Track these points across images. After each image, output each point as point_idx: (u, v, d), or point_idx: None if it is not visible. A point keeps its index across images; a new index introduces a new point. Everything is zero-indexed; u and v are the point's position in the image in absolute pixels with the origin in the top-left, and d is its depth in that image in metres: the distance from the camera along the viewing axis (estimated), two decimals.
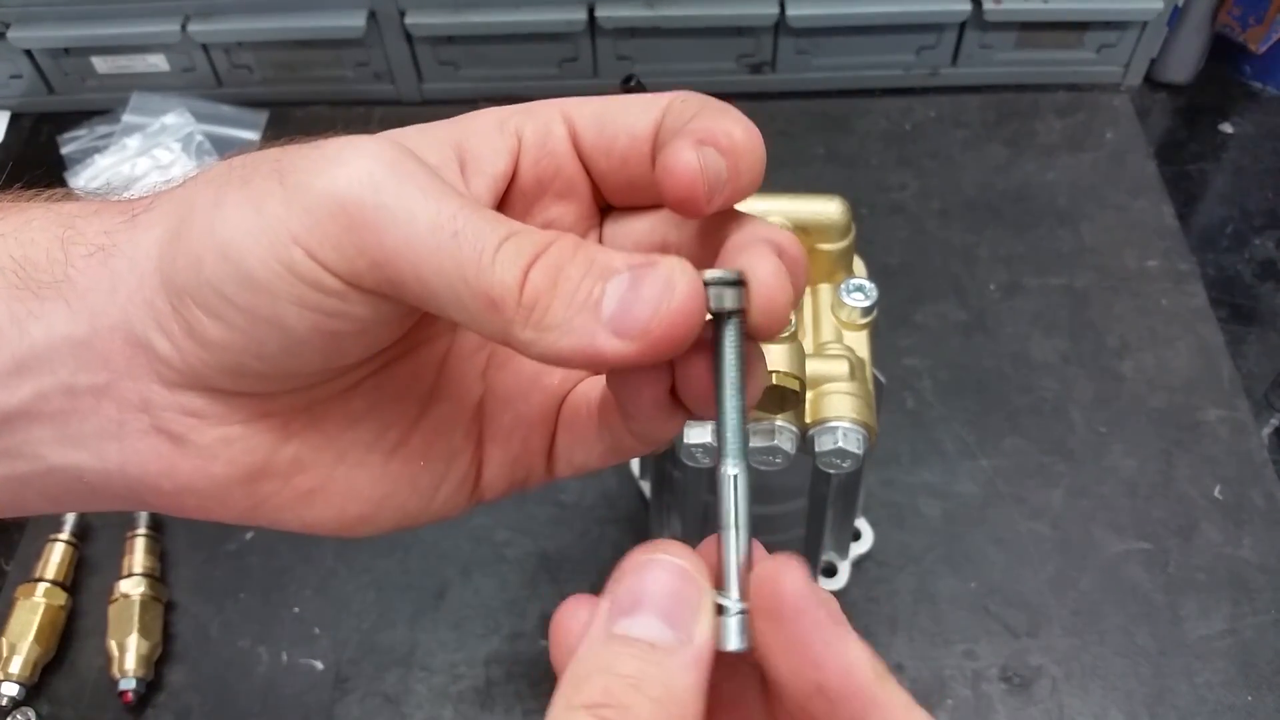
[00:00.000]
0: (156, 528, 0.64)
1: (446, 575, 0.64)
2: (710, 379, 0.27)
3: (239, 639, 0.62)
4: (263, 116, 0.87)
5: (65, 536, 0.63)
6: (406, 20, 0.84)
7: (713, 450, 0.46)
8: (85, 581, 0.63)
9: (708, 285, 0.25)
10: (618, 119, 0.29)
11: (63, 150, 0.85)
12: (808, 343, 0.50)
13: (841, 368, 0.47)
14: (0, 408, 0.28)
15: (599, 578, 0.26)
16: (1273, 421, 0.69)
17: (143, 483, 0.29)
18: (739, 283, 0.25)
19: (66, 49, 0.86)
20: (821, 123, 0.87)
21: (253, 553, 0.65)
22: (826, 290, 0.51)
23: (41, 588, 0.61)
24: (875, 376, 0.51)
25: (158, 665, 0.60)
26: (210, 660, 0.61)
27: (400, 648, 0.61)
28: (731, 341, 0.26)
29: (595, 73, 0.88)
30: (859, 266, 0.53)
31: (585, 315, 0.24)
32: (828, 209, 0.49)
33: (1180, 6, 0.84)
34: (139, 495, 0.29)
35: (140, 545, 0.63)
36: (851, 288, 0.50)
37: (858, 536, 0.63)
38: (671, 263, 0.24)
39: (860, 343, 0.50)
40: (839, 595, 0.62)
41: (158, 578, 0.62)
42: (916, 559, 0.63)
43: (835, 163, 0.84)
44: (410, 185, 0.25)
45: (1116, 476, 0.66)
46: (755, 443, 0.45)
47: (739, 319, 0.26)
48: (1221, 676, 0.58)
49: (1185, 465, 0.66)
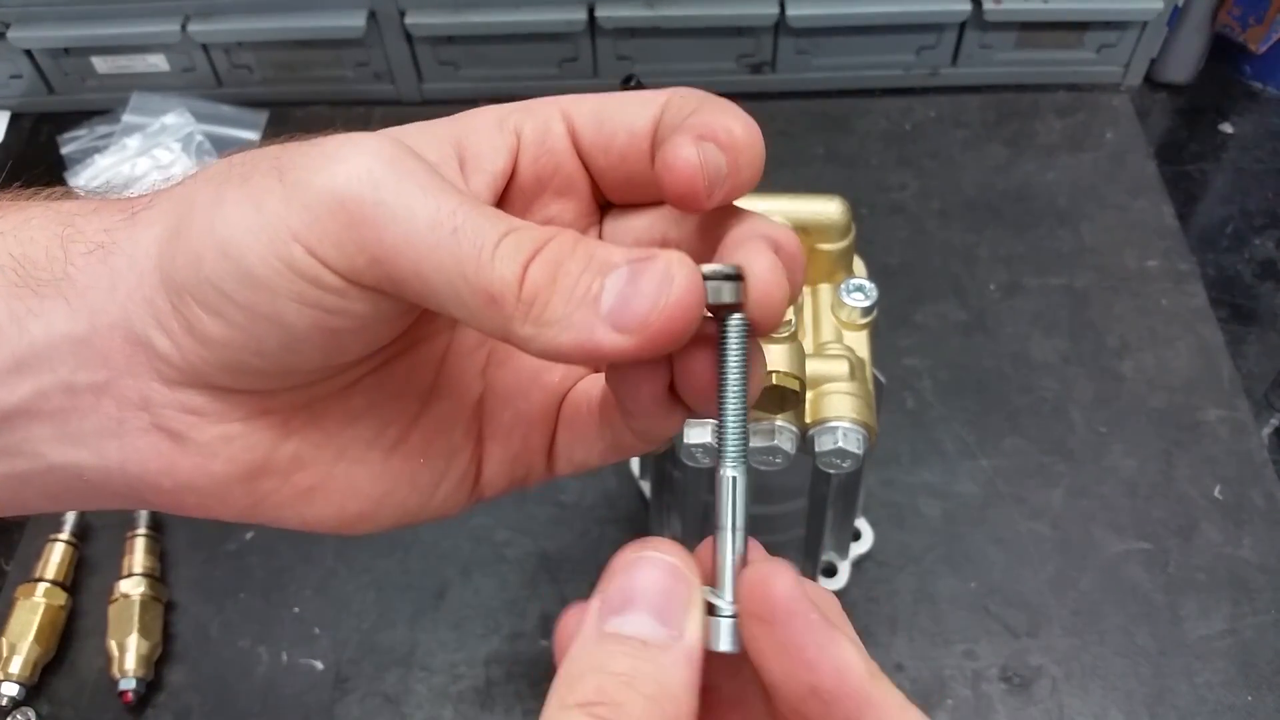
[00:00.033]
0: (156, 528, 0.64)
1: (446, 575, 0.64)
2: (709, 375, 0.27)
3: (239, 639, 0.62)
4: (263, 116, 0.87)
5: (65, 536, 0.63)
6: (406, 20, 0.84)
7: (713, 450, 0.46)
8: (85, 581, 0.63)
9: (706, 279, 0.25)
10: (616, 116, 0.29)
11: (63, 150, 0.85)
12: (808, 343, 0.50)
13: (841, 368, 0.47)
14: (0, 406, 0.28)
15: (599, 578, 0.26)
16: (1273, 421, 0.69)
17: (142, 480, 0.29)
18: (737, 277, 0.25)
19: (66, 49, 0.86)
20: (821, 123, 0.87)
21: (253, 553, 0.65)
22: (826, 290, 0.51)
23: (41, 588, 0.61)
24: (875, 376, 0.51)
25: (158, 665, 0.60)
26: (210, 660, 0.61)
27: (400, 648, 0.61)
28: (733, 344, 0.26)
29: (595, 73, 0.88)
30: (859, 266, 0.53)
31: (584, 310, 0.24)
32: (828, 209, 0.49)
33: (1180, 6, 0.84)
34: (139, 493, 0.29)
35: (140, 545, 0.63)
36: (851, 288, 0.50)
37: (858, 536, 0.63)
38: (670, 256, 0.24)
39: (860, 343, 0.50)
40: (839, 595, 0.61)
41: (158, 578, 0.62)
42: (916, 559, 0.63)
43: (835, 163, 0.84)
44: (409, 182, 0.25)
45: (1116, 476, 0.66)
46: (755, 443, 0.45)
47: (741, 322, 0.26)
48: (1221, 676, 0.58)
49: (1185, 465, 0.66)
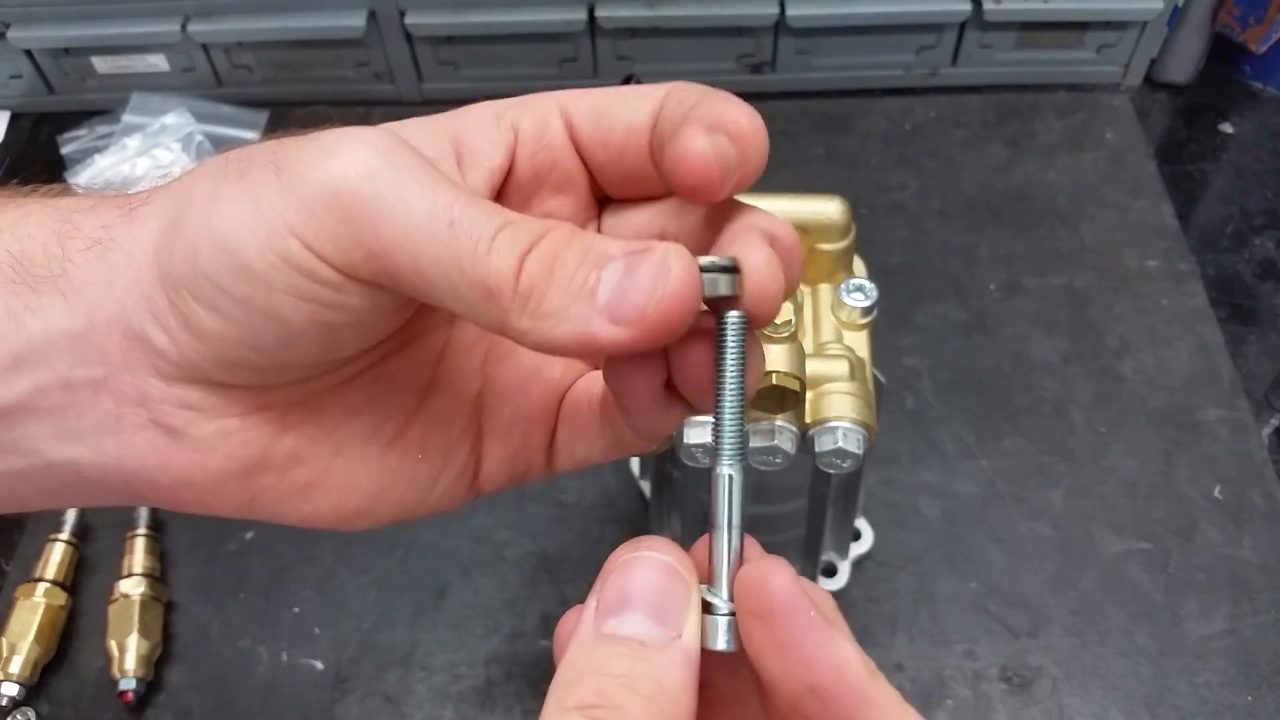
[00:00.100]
0: (156, 528, 0.64)
1: (446, 575, 0.64)
2: (706, 369, 0.27)
3: (239, 639, 0.62)
4: (263, 116, 0.87)
5: (65, 536, 0.63)
6: (406, 20, 0.84)
7: (712, 450, 0.46)
8: (85, 581, 0.63)
9: (702, 271, 0.25)
10: (614, 111, 0.29)
11: (63, 150, 0.85)
12: (808, 343, 0.50)
13: (841, 368, 0.47)
14: None
15: (597, 578, 0.26)
16: (1273, 421, 0.69)
17: (140, 477, 0.29)
18: (733, 269, 0.25)
19: (66, 49, 0.86)
20: (821, 123, 0.87)
21: (253, 553, 0.65)
22: (826, 290, 0.51)
23: (41, 588, 0.61)
24: (875, 376, 0.51)
25: (158, 665, 0.60)
26: (210, 660, 0.61)
27: (400, 648, 0.61)
28: (731, 341, 0.26)
29: (595, 73, 0.88)
30: (859, 266, 0.53)
31: (581, 302, 0.24)
32: (828, 209, 0.49)
33: (1180, 6, 0.84)
34: (136, 489, 0.29)
35: (140, 545, 0.63)
36: (851, 288, 0.50)
37: (858, 536, 0.63)
38: (667, 248, 0.24)
39: (860, 343, 0.50)
40: (839, 595, 0.62)
41: (158, 578, 0.62)
42: (916, 559, 0.63)
43: (835, 163, 0.84)
44: (406, 175, 0.25)
45: (1116, 476, 0.66)
46: (755, 443, 0.45)
47: (739, 319, 0.26)
48: (1221, 676, 0.58)
49: (1185, 465, 0.66)
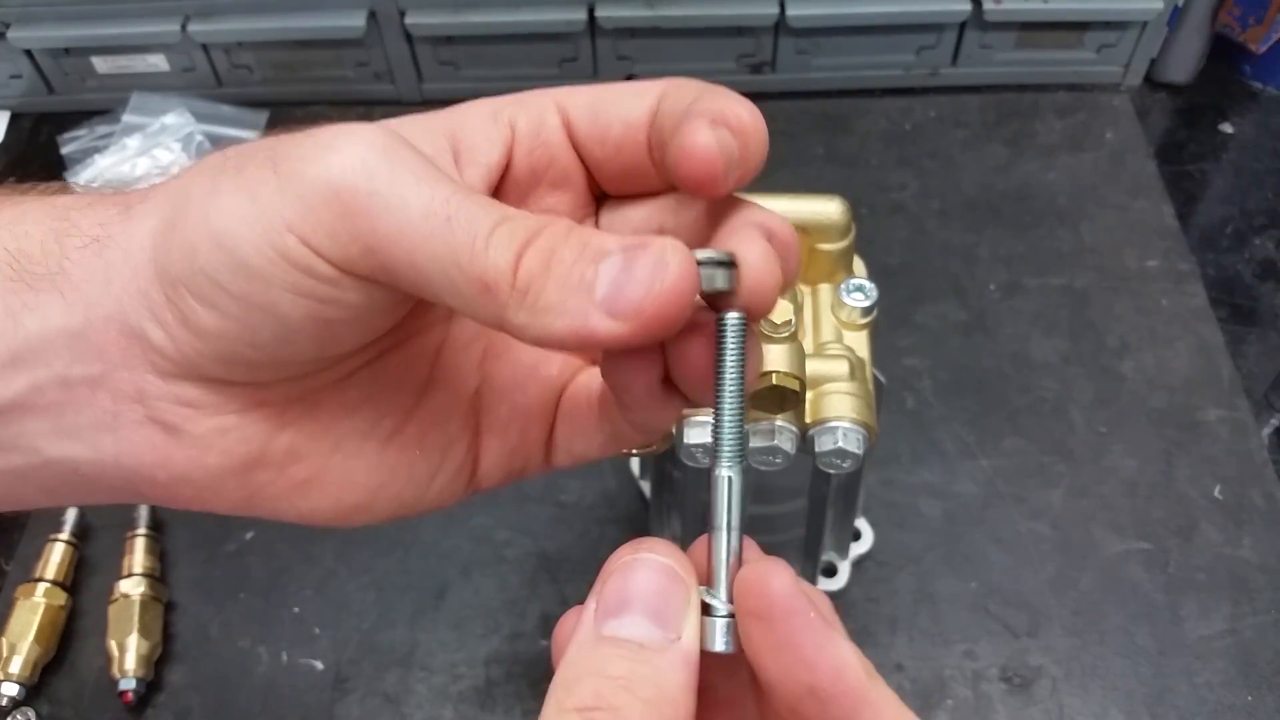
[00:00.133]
0: (156, 528, 0.64)
1: (446, 575, 0.64)
2: (704, 362, 0.27)
3: (239, 639, 0.62)
4: (263, 116, 0.87)
5: (65, 536, 0.63)
6: (406, 20, 0.84)
7: (712, 451, 0.46)
8: (85, 581, 0.63)
9: (699, 265, 0.25)
10: (611, 107, 0.29)
11: (63, 150, 0.85)
12: (808, 343, 0.50)
13: (841, 368, 0.47)
14: None
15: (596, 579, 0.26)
16: (1273, 421, 0.69)
17: (138, 474, 0.29)
18: (730, 263, 0.25)
19: (66, 49, 0.86)
20: (821, 123, 0.87)
21: (253, 553, 0.65)
22: (826, 290, 0.51)
23: (41, 588, 0.61)
24: (875, 376, 0.51)
25: (158, 665, 0.60)
26: (210, 660, 0.61)
27: (400, 648, 0.61)
28: (730, 343, 0.26)
29: (595, 73, 0.88)
30: (859, 266, 0.53)
31: (579, 296, 0.24)
32: (828, 209, 0.49)
33: (1180, 6, 0.84)
34: (134, 486, 0.29)
35: (140, 545, 0.63)
36: (851, 288, 0.50)
37: (858, 536, 0.63)
38: (664, 243, 0.24)
39: (860, 343, 0.50)
40: (839, 595, 0.62)
41: (158, 578, 0.62)
42: (916, 559, 0.63)
43: (835, 163, 0.84)
44: (403, 171, 0.25)
45: (1116, 476, 0.66)
46: (755, 443, 0.45)
47: (738, 320, 0.26)
48: (1221, 676, 0.58)
49: (1185, 465, 0.66)
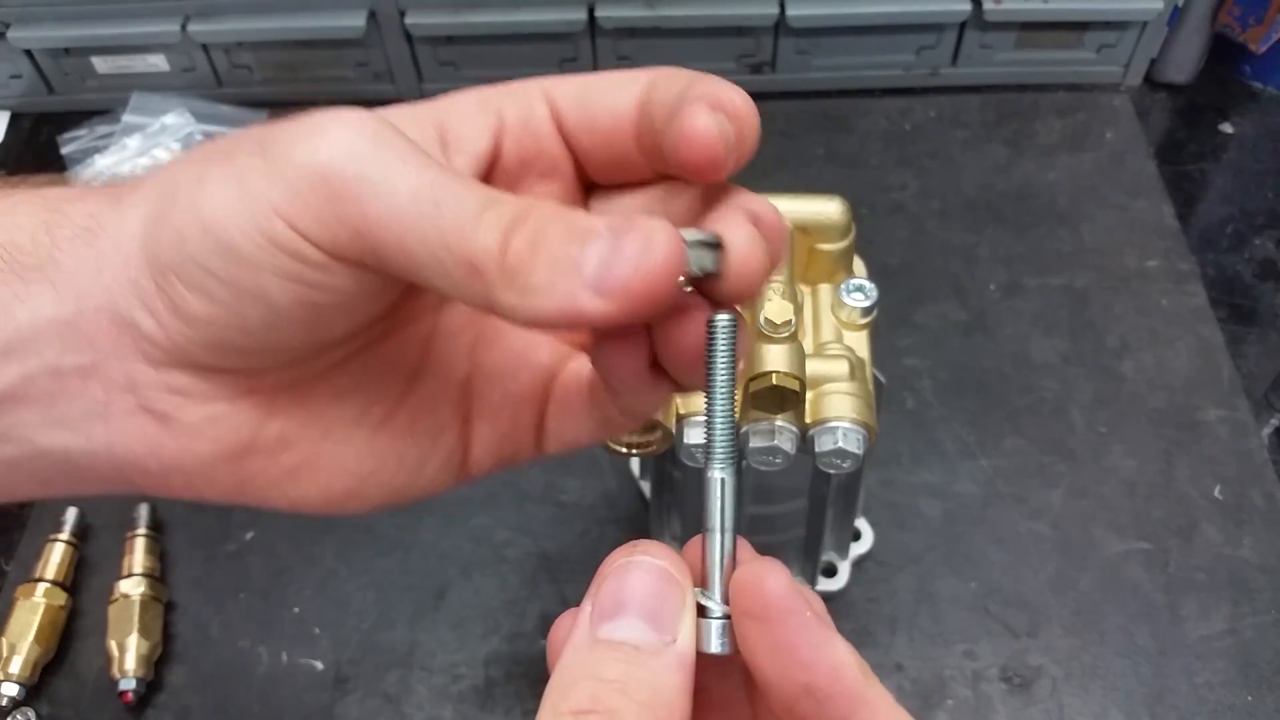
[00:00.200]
0: (156, 528, 0.64)
1: (446, 575, 0.64)
2: (690, 346, 0.27)
3: (239, 639, 0.62)
4: (262, 117, 0.87)
5: (65, 536, 0.63)
6: (406, 20, 0.84)
7: (704, 453, 0.46)
8: (85, 581, 0.63)
9: (687, 245, 0.25)
10: (598, 96, 0.29)
11: (63, 150, 0.85)
12: (808, 343, 0.50)
13: (841, 368, 0.47)
14: None
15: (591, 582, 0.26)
16: (1273, 421, 0.69)
17: (130, 463, 0.29)
18: (716, 245, 0.26)
19: (66, 49, 0.86)
20: (821, 123, 0.86)
21: (253, 553, 0.65)
22: (826, 290, 0.51)
23: (41, 588, 0.61)
24: (875, 376, 0.51)
25: (158, 665, 0.60)
26: (210, 660, 0.61)
27: (400, 648, 0.61)
28: (721, 345, 0.26)
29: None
30: (859, 266, 0.53)
31: (567, 276, 0.24)
32: (828, 209, 0.49)
33: (1180, 6, 0.84)
34: (126, 476, 0.29)
35: (140, 545, 0.63)
36: (851, 288, 0.50)
37: (858, 536, 0.63)
38: (650, 222, 0.24)
39: (860, 343, 0.50)
40: (839, 595, 0.62)
41: (158, 578, 0.62)
42: (916, 559, 0.63)
43: (835, 163, 0.84)
44: (391, 155, 0.25)
45: (1116, 476, 0.66)
46: (755, 443, 0.45)
47: (728, 322, 0.26)
48: (1221, 676, 0.58)
49: (1185, 465, 0.66)
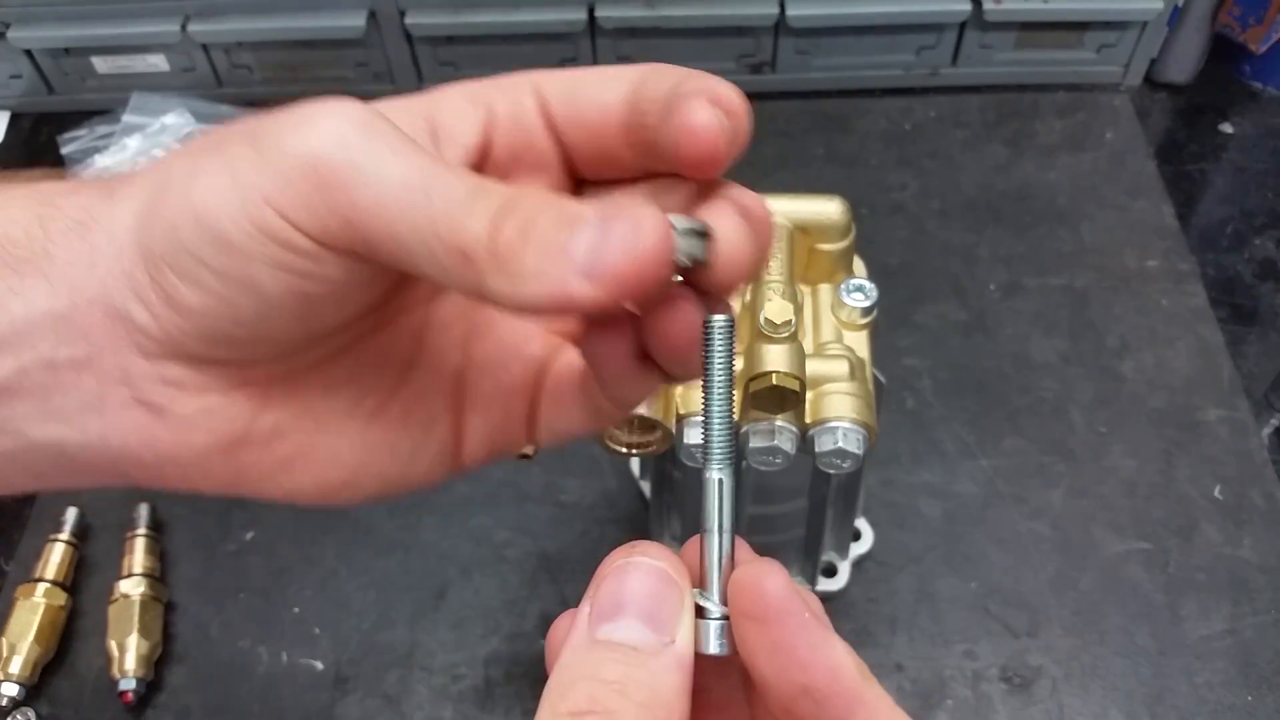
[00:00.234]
0: (156, 528, 0.64)
1: (446, 575, 0.64)
2: (678, 335, 0.27)
3: (239, 639, 0.62)
4: None
5: (65, 536, 0.63)
6: (406, 20, 0.84)
7: (702, 454, 0.47)
8: (85, 581, 0.63)
9: (675, 232, 0.25)
10: (588, 92, 0.29)
11: (63, 150, 0.85)
12: (808, 343, 0.50)
13: (841, 368, 0.47)
14: None
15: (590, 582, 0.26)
16: (1273, 421, 0.69)
17: (124, 455, 0.29)
18: (704, 233, 0.26)
19: (66, 49, 0.86)
20: (821, 123, 0.86)
21: (253, 553, 0.65)
22: (826, 290, 0.51)
23: (41, 588, 0.61)
24: (875, 376, 0.51)
25: (158, 665, 0.60)
26: (210, 660, 0.61)
27: (400, 648, 0.61)
28: (717, 346, 0.26)
29: None
30: (859, 266, 0.53)
31: (557, 262, 0.24)
32: (828, 209, 0.49)
33: (1180, 6, 0.84)
34: (121, 468, 0.29)
35: (140, 545, 0.63)
36: (851, 288, 0.50)
37: (858, 536, 0.63)
38: (639, 208, 0.25)
39: (860, 343, 0.50)
40: (839, 595, 0.62)
41: (158, 578, 0.62)
42: (916, 559, 0.63)
43: (835, 163, 0.84)
44: (381, 144, 0.26)
45: (1116, 476, 0.66)
46: (755, 443, 0.45)
47: (724, 323, 0.26)
48: (1221, 676, 0.58)
49: (1185, 465, 0.66)
